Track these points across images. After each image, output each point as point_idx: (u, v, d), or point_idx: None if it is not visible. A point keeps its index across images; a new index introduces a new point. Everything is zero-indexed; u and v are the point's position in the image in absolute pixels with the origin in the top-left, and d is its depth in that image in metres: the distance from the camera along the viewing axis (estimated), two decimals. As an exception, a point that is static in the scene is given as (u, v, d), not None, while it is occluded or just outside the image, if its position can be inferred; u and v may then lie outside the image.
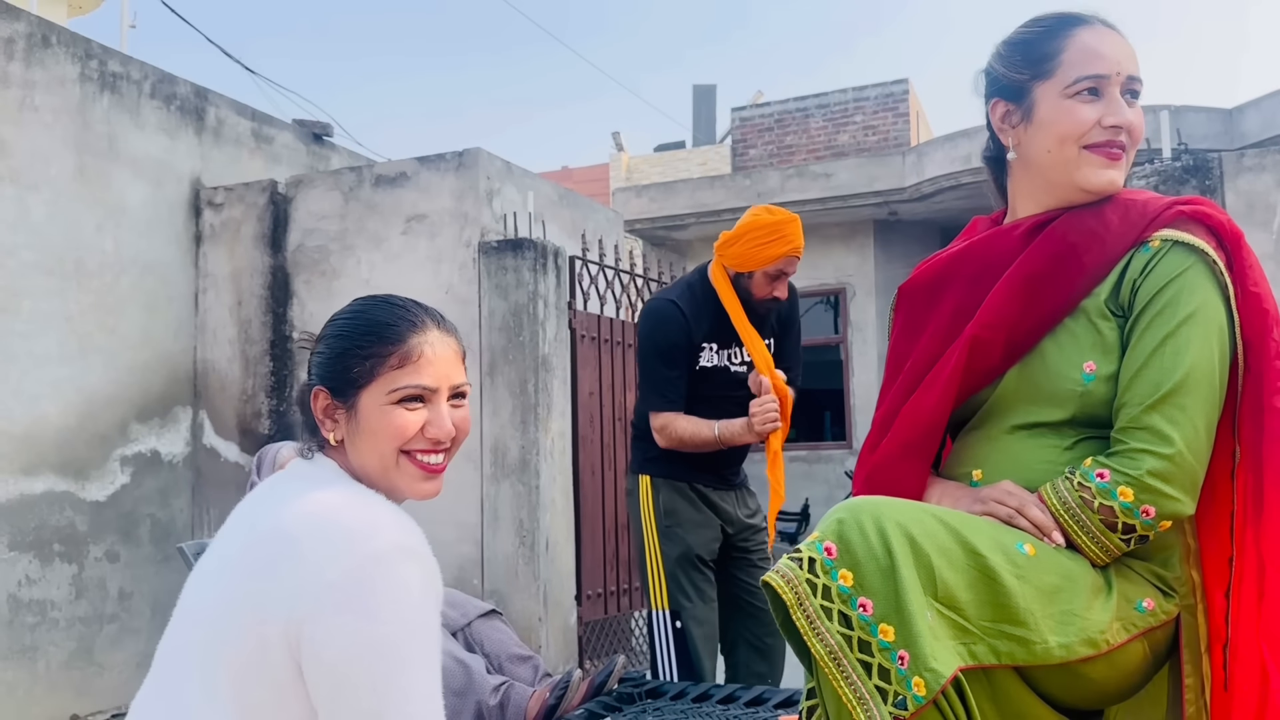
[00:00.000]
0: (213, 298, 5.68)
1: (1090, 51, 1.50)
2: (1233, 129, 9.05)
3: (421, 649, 1.22)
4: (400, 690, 1.19)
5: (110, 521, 5.11)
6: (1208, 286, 1.43)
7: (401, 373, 1.34)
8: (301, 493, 1.31)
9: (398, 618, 1.21)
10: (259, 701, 1.22)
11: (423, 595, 1.24)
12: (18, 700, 4.60)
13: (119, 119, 5.28)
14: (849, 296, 10.11)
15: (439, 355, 1.37)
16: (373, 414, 1.34)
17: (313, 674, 1.21)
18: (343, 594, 1.20)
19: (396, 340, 1.35)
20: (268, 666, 1.22)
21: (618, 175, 15.16)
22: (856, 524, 1.28)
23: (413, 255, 5.26)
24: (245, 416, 5.56)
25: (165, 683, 1.30)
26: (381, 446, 1.34)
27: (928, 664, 1.20)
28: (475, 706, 2.63)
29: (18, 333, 4.73)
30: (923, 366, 1.56)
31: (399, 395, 1.34)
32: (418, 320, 1.38)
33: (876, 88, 11.67)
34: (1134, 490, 1.37)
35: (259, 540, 1.29)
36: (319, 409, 1.38)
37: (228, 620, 1.25)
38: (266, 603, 1.23)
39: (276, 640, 1.21)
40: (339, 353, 1.38)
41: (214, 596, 1.30)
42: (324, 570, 1.21)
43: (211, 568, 1.34)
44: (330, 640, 1.19)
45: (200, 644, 1.28)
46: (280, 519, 1.28)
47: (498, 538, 4.92)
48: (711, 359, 3.01)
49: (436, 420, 1.36)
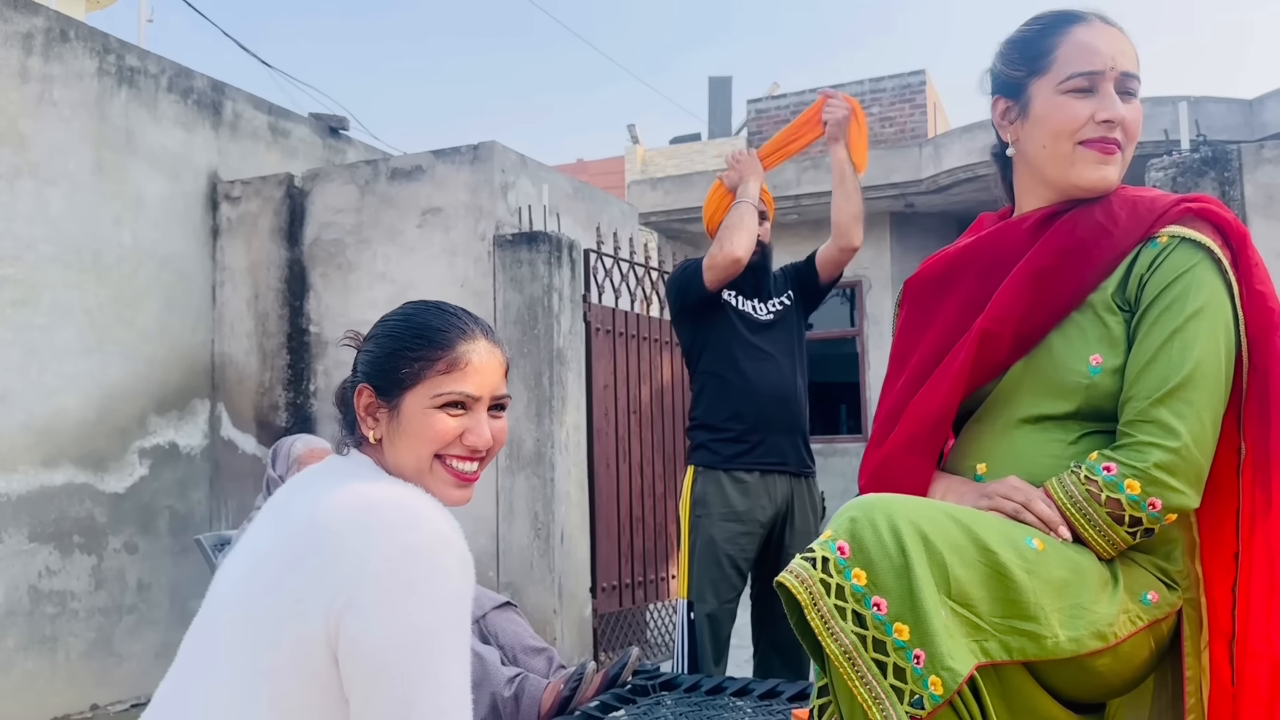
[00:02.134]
0: (230, 291, 5.71)
1: (1084, 48, 1.51)
2: (1253, 120, 8.96)
3: (456, 640, 1.24)
4: (433, 680, 1.21)
5: (129, 513, 5.15)
6: (1215, 283, 1.44)
7: (447, 378, 1.37)
8: (340, 485, 1.33)
9: (436, 609, 1.23)
10: (290, 690, 1.24)
11: (460, 586, 1.26)
12: (38, 690, 4.65)
13: (136, 113, 5.31)
14: (865, 289, 10.08)
15: (485, 365, 1.40)
16: (415, 416, 1.37)
17: (349, 663, 1.22)
18: (384, 584, 1.22)
19: (446, 346, 1.38)
20: (302, 655, 1.23)
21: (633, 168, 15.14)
22: (869, 522, 1.28)
23: (428, 248, 5.28)
24: (263, 409, 5.59)
25: (193, 671, 1.32)
26: (419, 449, 1.37)
27: (944, 663, 1.20)
28: (490, 698, 2.64)
29: (37, 326, 4.77)
30: (930, 361, 1.57)
31: (442, 400, 1.37)
32: (468, 329, 1.41)
33: (894, 79, 11.61)
34: (1141, 483, 1.37)
35: (297, 531, 1.30)
36: (361, 406, 1.40)
37: (263, 610, 1.27)
38: (305, 592, 1.24)
39: (314, 629, 1.23)
40: (388, 353, 1.40)
41: (248, 586, 1.31)
42: (366, 560, 1.23)
43: (245, 559, 1.36)
44: (369, 629, 1.21)
45: (233, 633, 1.29)
46: (320, 510, 1.30)
47: (513, 530, 4.93)
48: (735, 302, 3.16)
49: (476, 428, 1.39)
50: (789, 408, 3.12)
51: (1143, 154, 6.43)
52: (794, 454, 3.13)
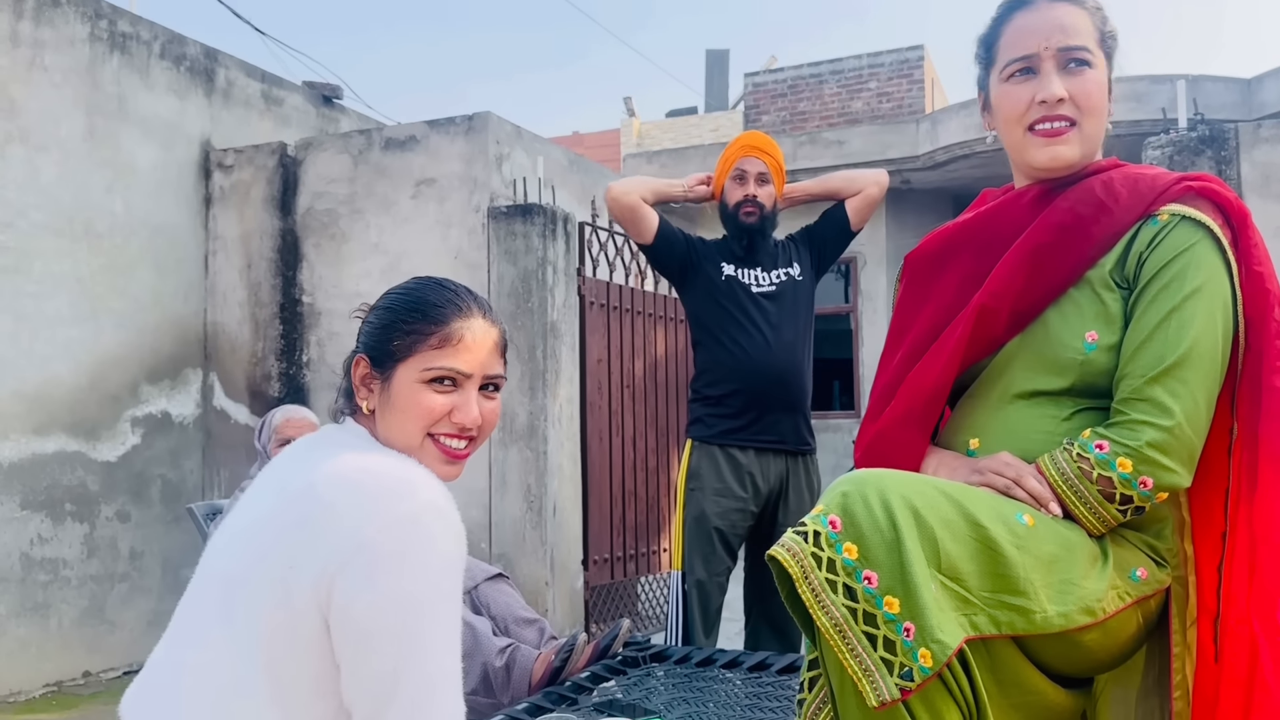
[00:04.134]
0: (222, 260, 5.68)
1: (1019, 32, 1.54)
2: (1251, 99, 8.93)
3: (447, 609, 1.25)
4: (423, 649, 1.22)
5: (121, 482, 5.15)
6: (1214, 262, 1.43)
7: (438, 353, 1.37)
8: (335, 454, 1.33)
9: (427, 578, 1.23)
10: (283, 655, 1.24)
11: (452, 556, 1.26)
12: (31, 656, 4.66)
13: (129, 79, 5.27)
14: (860, 266, 10.07)
15: (478, 343, 1.39)
16: (404, 390, 1.37)
17: (340, 629, 1.23)
18: (376, 552, 1.22)
19: (440, 321, 1.38)
20: (295, 621, 1.24)
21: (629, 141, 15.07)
22: (861, 497, 1.28)
23: (422, 219, 5.25)
24: (255, 379, 5.58)
25: (187, 637, 1.32)
26: (407, 425, 1.37)
27: (934, 635, 1.21)
28: (481, 668, 2.65)
29: (29, 293, 4.75)
30: (927, 336, 1.57)
31: (431, 375, 1.37)
32: (464, 305, 1.40)
33: (892, 54, 11.55)
34: (1133, 461, 1.37)
35: (291, 499, 1.31)
36: (358, 376, 1.41)
37: (258, 576, 1.27)
38: (299, 559, 1.25)
39: (306, 595, 1.23)
40: (384, 324, 1.41)
41: (242, 554, 1.31)
42: (360, 528, 1.23)
43: (240, 526, 1.36)
44: (360, 597, 1.21)
45: (227, 600, 1.30)
46: (314, 478, 1.30)
47: (505, 502, 4.95)
48: (730, 270, 3.14)
49: (464, 406, 1.38)
50: (788, 385, 3.08)
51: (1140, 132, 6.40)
52: (792, 432, 3.11)
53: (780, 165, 3.20)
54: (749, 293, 3.11)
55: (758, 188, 3.13)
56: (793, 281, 3.17)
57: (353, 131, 5.79)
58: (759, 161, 3.15)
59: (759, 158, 3.15)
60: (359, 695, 1.22)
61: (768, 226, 3.17)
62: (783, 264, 3.19)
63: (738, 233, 3.16)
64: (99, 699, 4.57)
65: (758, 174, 3.14)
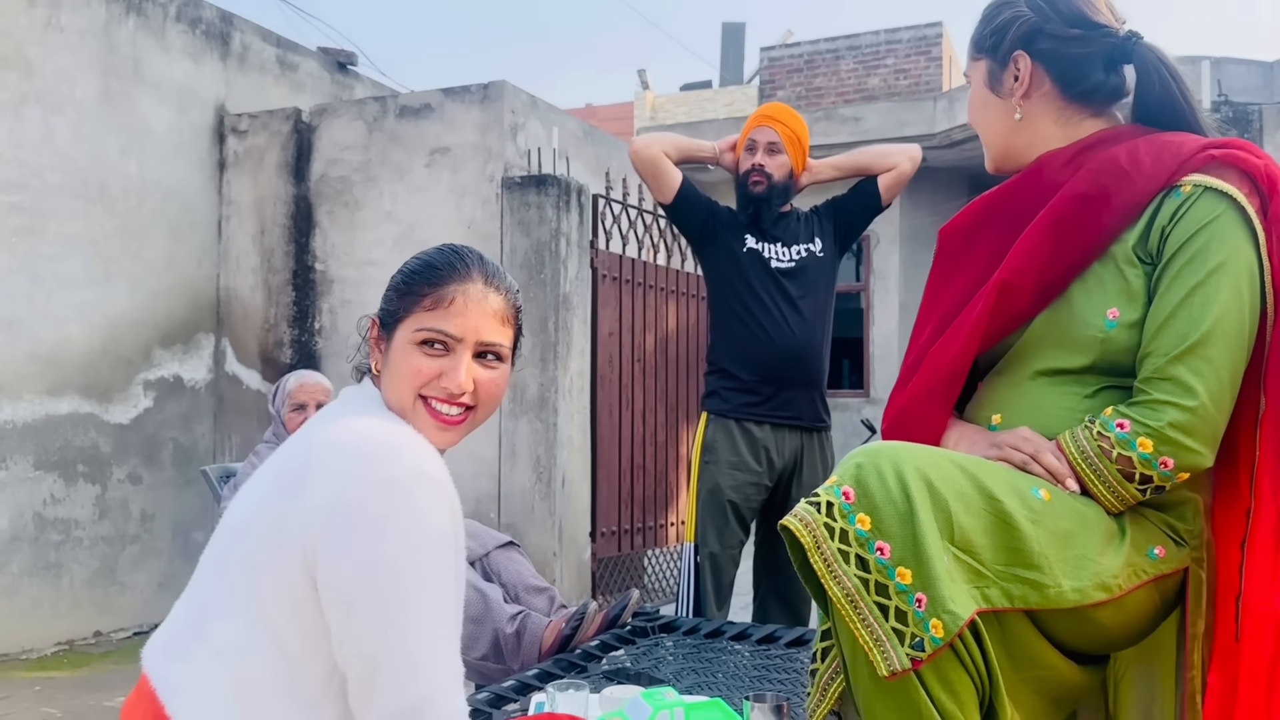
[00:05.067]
0: (236, 225, 5.68)
1: None
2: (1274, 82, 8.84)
3: (434, 573, 1.23)
4: (411, 609, 1.21)
5: (133, 444, 5.18)
6: (1238, 235, 1.40)
7: (429, 315, 1.36)
8: (338, 418, 1.35)
9: (410, 541, 1.22)
10: (277, 615, 1.25)
11: (438, 521, 1.25)
12: (42, 615, 4.71)
13: (144, 42, 5.25)
14: (873, 244, 10.02)
15: (472, 308, 1.37)
16: (398, 350, 1.37)
17: (326, 591, 1.23)
18: (360, 514, 1.22)
19: (436, 283, 1.37)
20: (287, 582, 1.25)
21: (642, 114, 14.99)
22: (875, 468, 1.28)
23: (436, 188, 5.24)
24: (267, 345, 5.59)
25: (199, 592, 1.35)
26: (399, 386, 1.36)
27: (946, 606, 1.21)
28: (492, 634, 2.66)
29: (43, 255, 4.76)
30: (956, 311, 1.56)
31: (421, 336, 1.36)
32: (465, 270, 1.39)
33: (909, 30, 11.45)
34: (1154, 441, 1.36)
35: (294, 461, 1.32)
36: (371, 337, 1.43)
37: (256, 536, 1.29)
38: (289, 520, 1.25)
39: (295, 556, 1.24)
40: (392, 286, 1.42)
41: (249, 513, 1.33)
42: (344, 491, 1.24)
43: (253, 488, 1.38)
44: (344, 558, 1.21)
45: (228, 558, 1.32)
46: (314, 439, 1.32)
47: (515, 473, 4.96)
48: (752, 244, 3.11)
49: (451, 371, 1.36)
50: (805, 363, 3.06)
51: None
52: (808, 408, 3.10)
53: (796, 135, 3.13)
54: (769, 268, 3.08)
55: (766, 157, 3.09)
56: (814, 258, 3.14)
57: (368, 98, 5.77)
58: (770, 130, 3.10)
59: (771, 126, 3.11)
60: (351, 658, 1.22)
61: (774, 197, 3.10)
62: (804, 239, 3.15)
63: (745, 203, 3.13)
64: (110, 658, 4.61)
65: (767, 143, 3.10)
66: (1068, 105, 1.56)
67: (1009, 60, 1.56)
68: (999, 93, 1.58)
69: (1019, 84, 1.56)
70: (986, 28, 1.58)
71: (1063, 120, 1.56)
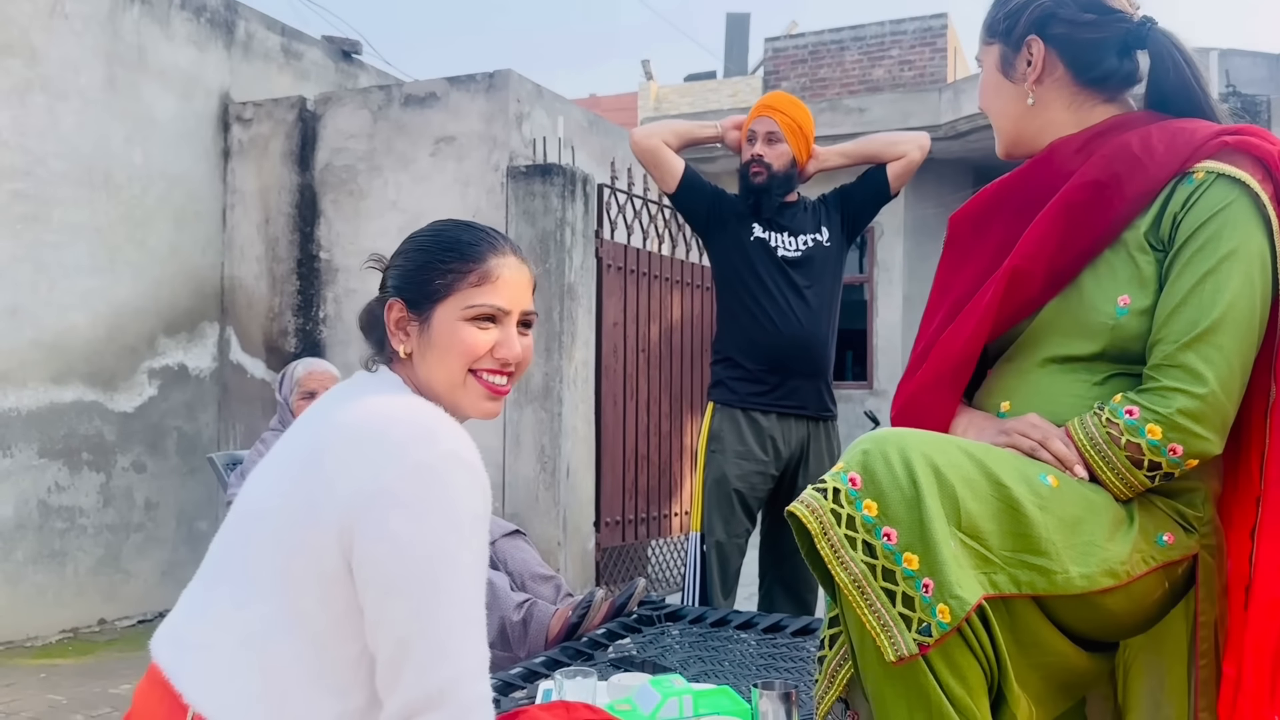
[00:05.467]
0: (240, 214, 5.68)
1: None
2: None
3: (470, 556, 1.25)
4: (444, 593, 1.22)
5: (138, 432, 5.18)
6: (1250, 222, 1.40)
7: (479, 290, 1.38)
8: (363, 399, 1.35)
9: (448, 523, 1.24)
10: (307, 599, 1.25)
11: (473, 504, 1.27)
12: (47, 603, 4.72)
13: (149, 29, 5.24)
14: (877, 235, 10.01)
15: (514, 280, 1.41)
16: (445, 329, 1.38)
17: (362, 573, 1.24)
18: (397, 496, 1.23)
19: (478, 259, 1.39)
20: (319, 565, 1.25)
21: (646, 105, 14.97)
22: (881, 455, 1.28)
23: (441, 177, 5.23)
24: (272, 334, 5.59)
25: (218, 576, 1.34)
26: (450, 363, 1.38)
27: (953, 591, 1.21)
28: (499, 621, 2.67)
29: (48, 243, 4.76)
30: (966, 298, 1.55)
31: (474, 313, 1.38)
32: (498, 244, 1.42)
33: (914, 21, 11.41)
34: (1163, 428, 1.36)
35: (318, 442, 1.32)
36: (392, 320, 1.41)
37: (286, 518, 1.28)
38: (323, 502, 1.25)
39: (329, 539, 1.24)
40: (419, 265, 1.41)
41: (271, 496, 1.33)
42: (381, 472, 1.24)
43: (272, 471, 1.37)
44: (380, 543, 1.22)
45: (255, 542, 1.31)
46: (341, 423, 1.32)
47: (519, 462, 4.96)
48: (759, 233, 3.11)
49: (506, 341, 1.39)
50: (811, 352, 3.07)
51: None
52: (814, 398, 3.10)
53: (797, 124, 3.12)
54: (775, 257, 3.08)
55: (765, 147, 3.08)
56: (821, 247, 3.13)
57: (372, 87, 5.76)
58: (770, 120, 3.10)
59: (770, 116, 3.10)
60: (382, 640, 1.23)
61: (775, 187, 3.09)
62: (811, 229, 3.14)
63: (746, 193, 3.12)
64: (114, 646, 4.63)
65: (766, 133, 3.09)
66: (1080, 91, 1.55)
67: (1022, 45, 1.55)
68: (1011, 77, 1.58)
69: (1032, 69, 1.55)
70: (999, 11, 1.58)
71: (1075, 106, 1.55)
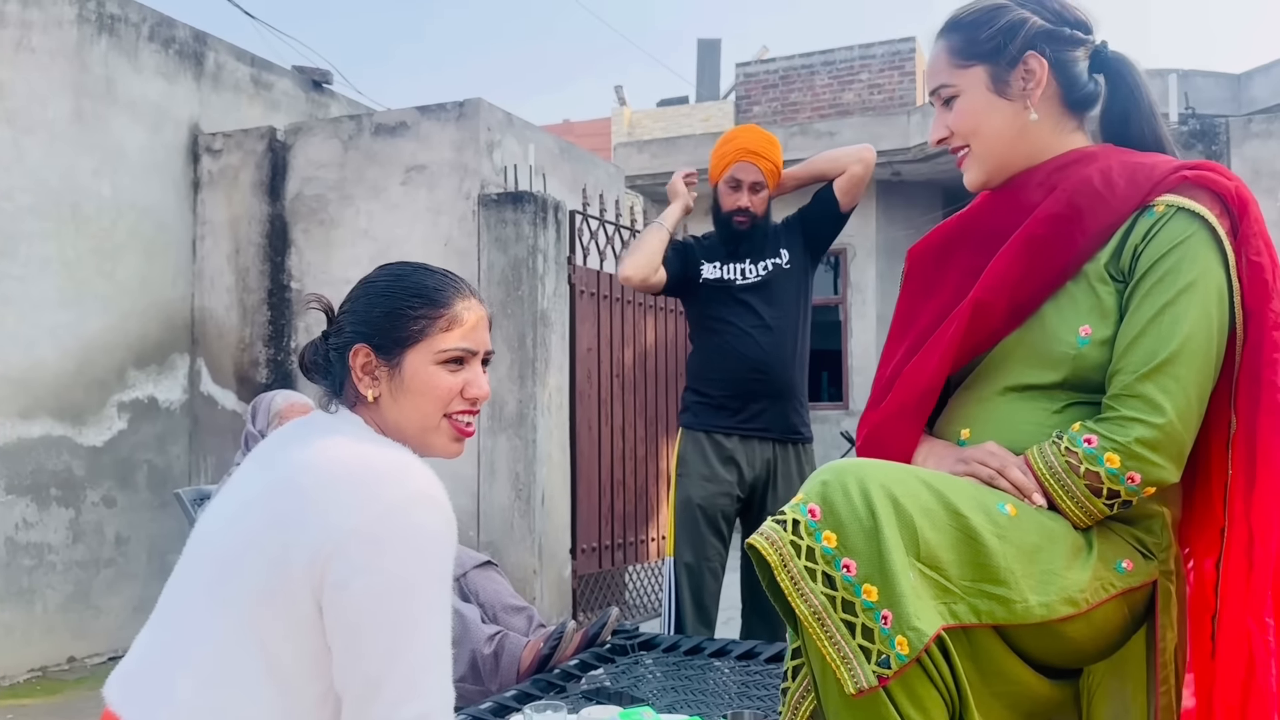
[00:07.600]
0: (210, 245, 5.65)
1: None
2: (1241, 95, 8.96)
3: (438, 594, 1.28)
4: (414, 634, 1.24)
5: (107, 467, 5.13)
6: (1209, 255, 1.41)
7: (449, 335, 1.42)
8: (328, 441, 1.36)
9: (419, 563, 1.26)
10: (277, 638, 1.26)
11: (443, 543, 1.29)
12: (15, 641, 4.65)
13: (117, 62, 5.23)
14: (849, 257, 10.07)
15: (478, 320, 1.46)
16: (419, 373, 1.40)
17: (332, 613, 1.25)
18: (369, 537, 1.24)
19: (445, 304, 1.43)
20: (288, 605, 1.25)
21: (619, 130, 15.03)
22: (840, 486, 1.28)
23: (412, 206, 5.24)
24: (243, 365, 5.56)
25: (174, 620, 1.33)
26: (425, 406, 1.40)
27: (911, 623, 1.21)
28: (470, 655, 2.66)
29: (14, 276, 4.72)
30: (930, 330, 1.56)
31: (445, 356, 1.41)
32: (461, 287, 1.47)
33: (883, 45, 11.54)
34: (1121, 457, 1.37)
35: (283, 484, 1.32)
36: (358, 365, 1.42)
37: (250, 560, 1.28)
38: (291, 542, 1.26)
39: (300, 581, 1.25)
40: (386, 312, 1.43)
41: (232, 537, 1.32)
42: (351, 515, 1.25)
43: (228, 511, 1.37)
44: (352, 583, 1.23)
45: (218, 583, 1.30)
46: (308, 463, 1.33)
47: (494, 490, 4.94)
48: (714, 272, 3.15)
49: (475, 380, 1.44)
50: (772, 374, 3.09)
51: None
52: (779, 421, 3.13)
53: (777, 167, 3.15)
54: (731, 288, 3.14)
55: (751, 197, 3.11)
56: (781, 270, 3.16)
57: (343, 117, 5.77)
58: (754, 169, 3.10)
59: (754, 163, 3.10)
60: (351, 678, 1.24)
61: (757, 232, 3.16)
62: (770, 253, 3.17)
63: (728, 237, 3.17)
64: (84, 684, 4.56)
65: (752, 183, 3.10)
66: (1064, 113, 1.55)
67: (1018, 61, 1.51)
68: (1008, 95, 1.52)
69: (1034, 85, 1.51)
70: (979, 34, 1.53)
71: (1059, 130, 1.55)
